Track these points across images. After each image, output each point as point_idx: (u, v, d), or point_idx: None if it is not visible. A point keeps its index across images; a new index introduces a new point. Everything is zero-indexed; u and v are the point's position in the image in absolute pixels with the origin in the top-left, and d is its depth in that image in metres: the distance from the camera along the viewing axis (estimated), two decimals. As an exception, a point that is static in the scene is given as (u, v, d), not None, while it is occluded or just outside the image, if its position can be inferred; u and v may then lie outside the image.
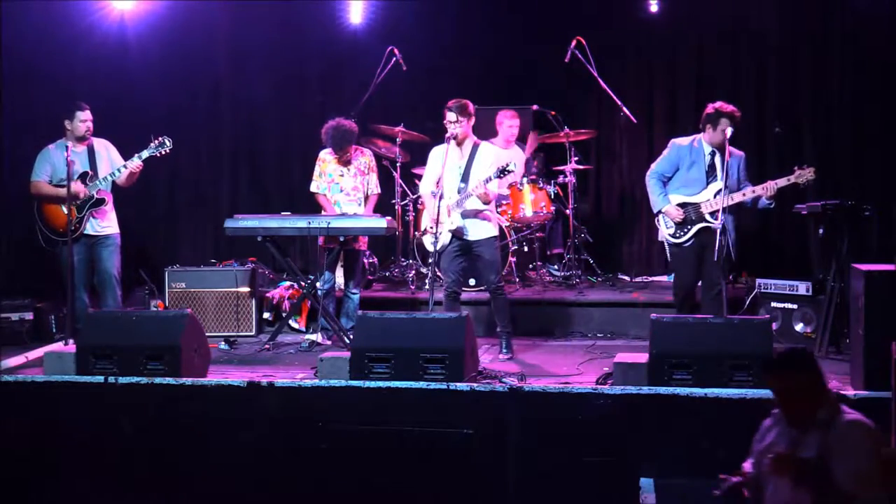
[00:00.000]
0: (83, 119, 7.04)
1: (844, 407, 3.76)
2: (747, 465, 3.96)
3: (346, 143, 7.09)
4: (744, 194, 6.36)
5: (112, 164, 7.15)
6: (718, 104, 6.45)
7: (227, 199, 9.35)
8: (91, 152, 7.11)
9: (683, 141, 6.64)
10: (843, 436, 3.64)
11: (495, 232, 6.73)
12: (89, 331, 6.12)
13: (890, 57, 8.02)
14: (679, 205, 6.52)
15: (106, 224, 7.10)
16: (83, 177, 7.00)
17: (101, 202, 7.03)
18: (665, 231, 6.61)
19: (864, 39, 8.23)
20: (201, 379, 5.84)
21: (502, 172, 6.34)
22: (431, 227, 6.62)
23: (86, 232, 6.98)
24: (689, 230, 6.50)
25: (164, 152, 7.06)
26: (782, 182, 6.29)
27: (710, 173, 6.49)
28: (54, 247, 6.98)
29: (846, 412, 3.73)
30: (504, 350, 6.76)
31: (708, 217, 6.43)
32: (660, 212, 6.59)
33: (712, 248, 6.30)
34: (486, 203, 6.58)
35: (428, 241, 6.90)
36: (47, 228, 6.97)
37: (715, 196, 6.40)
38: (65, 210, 6.85)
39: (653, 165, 6.74)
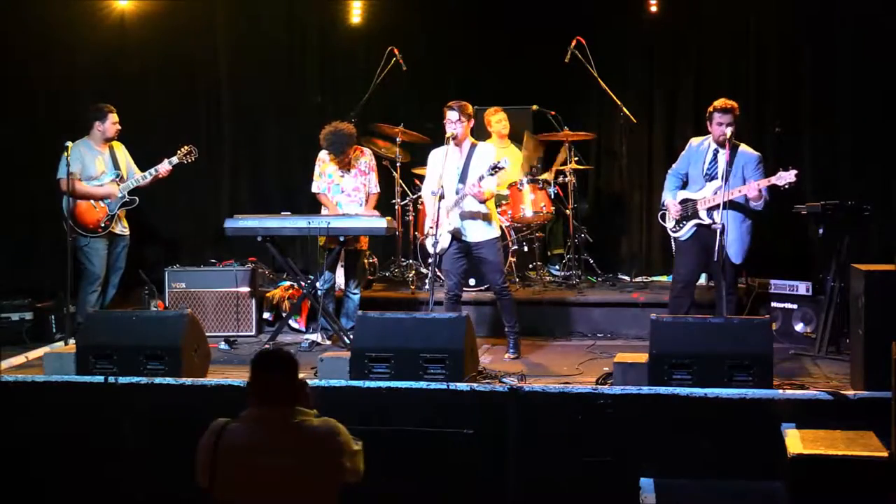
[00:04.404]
0: (114, 121, 7.30)
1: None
2: None
3: (344, 147, 7.08)
4: (731, 193, 6.27)
5: (129, 165, 7.43)
6: (716, 101, 6.42)
7: (227, 199, 9.35)
8: (113, 153, 7.35)
9: (696, 140, 6.66)
10: None
11: (497, 233, 6.70)
12: (89, 331, 6.12)
13: (891, 56, 8.01)
14: (682, 201, 6.54)
15: (126, 225, 7.40)
16: (112, 179, 7.28)
17: (131, 203, 7.33)
18: (667, 225, 6.66)
19: (865, 39, 8.22)
20: (201, 379, 5.84)
21: (494, 169, 6.35)
22: (431, 229, 6.61)
23: (114, 231, 7.27)
24: (684, 225, 6.52)
25: (191, 160, 7.38)
26: (764, 183, 6.22)
27: (711, 170, 6.45)
28: (79, 241, 7.10)
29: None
30: (511, 350, 6.75)
31: (702, 214, 6.42)
32: (663, 205, 6.67)
33: (713, 248, 6.27)
34: (482, 201, 6.56)
35: (429, 244, 6.89)
36: (78, 225, 7.05)
37: (714, 194, 6.37)
38: (96, 207, 7.16)
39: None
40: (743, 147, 6.41)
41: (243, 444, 3.48)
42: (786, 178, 6.14)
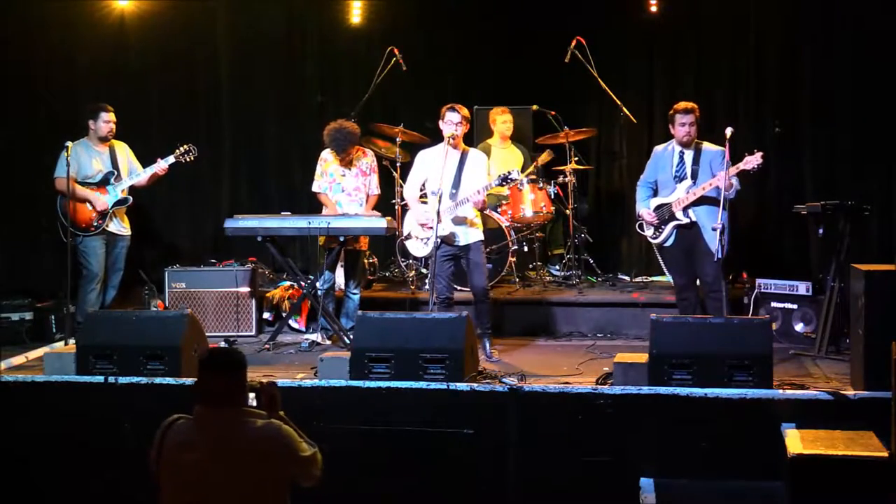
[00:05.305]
0: (107, 120, 7.23)
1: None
2: None
3: (348, 145, 7.08)
4: (703, 188, 6.37)
5: (131, 164, 7.35)
6: (676, 104, 6.55)
7: (227, 199, 9.34)
8: (112, 153, 7.28)
9: (659, 147, 6.77)
10: None
11: (482, 236, 6.74)
12: (89, 331, 6.12)
13: (891, 56, 8.01)
14: (656, 207, 6.61)
15: (126, 225, 7.32)
16: (107, 176, 7.20)
17: (125, 201, 7.24)
18: (645, 233, 6.73)
19: (865, 39, 8.22)
20: (201, 379, 5.83)
21: (505, 180, 6.41)
22: (426, 230, 6.59)
23: (109, 230, 7.19)
24: (663, 230, 6.58)
25: (189, 159, 7.32)
26: (733, 171, 6.23)
27: (680, 172, 6.54)
28: (75, 240, 7.04)
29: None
30: (489, 349, 6.69)
31: (678, 214, 6.48)
32: (638, 216, 6.72)
33: (700, 248, 6.40)
34: (482, 210, 6.59)
35: (413, 246, 6.90)
36: (72, 224, 6.97)
37: (687, 193, 6.46)
38: (89, 207, 7.07)
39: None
40: (706, 144, 6.52)
41: (178, 442, 3.53)
42: (752, 161, 6.21)
